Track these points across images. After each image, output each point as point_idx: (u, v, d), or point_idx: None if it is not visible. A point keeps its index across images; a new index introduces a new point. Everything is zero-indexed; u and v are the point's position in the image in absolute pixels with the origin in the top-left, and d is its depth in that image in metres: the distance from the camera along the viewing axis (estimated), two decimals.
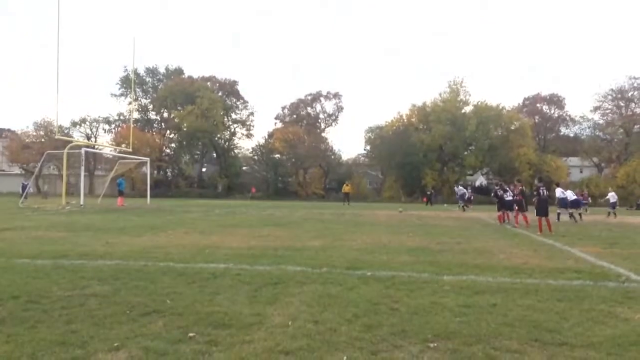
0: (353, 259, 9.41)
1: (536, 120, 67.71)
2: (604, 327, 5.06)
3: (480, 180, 68.15)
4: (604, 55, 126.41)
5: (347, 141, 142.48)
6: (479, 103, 59.59)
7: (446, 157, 60.20)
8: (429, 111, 59.77)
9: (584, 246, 12.32)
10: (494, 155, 57.59)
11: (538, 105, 69.95)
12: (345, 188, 42.62)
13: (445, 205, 43.56)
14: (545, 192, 16.84)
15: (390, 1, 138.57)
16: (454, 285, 6.98)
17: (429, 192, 49.06)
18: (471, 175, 64.99)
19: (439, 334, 4.72)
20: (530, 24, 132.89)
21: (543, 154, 61.11)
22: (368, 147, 65.45)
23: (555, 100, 69.73)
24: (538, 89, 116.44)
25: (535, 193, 17.68)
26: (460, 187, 36.03)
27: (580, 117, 67.65)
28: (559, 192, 23.01)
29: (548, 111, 70.34)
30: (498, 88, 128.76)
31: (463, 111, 59.38)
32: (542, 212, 16.59)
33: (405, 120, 62.47)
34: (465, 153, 60.13)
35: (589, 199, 39.97)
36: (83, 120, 66.29)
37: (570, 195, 23.95)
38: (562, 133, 72.13)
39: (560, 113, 70.39)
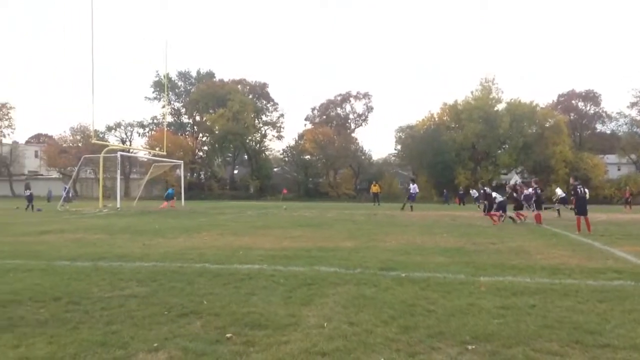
0: (386, 260, 9.35)
1: (571, 117, 66.31)
2: None
3: (515, 179, 66.92)
4: None
5: (378, 141, 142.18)
6: (512, 100, 58.66)
7: (479, 156, 59.41)
8: (461, 109, 59.13)
9: (623, 245, 11.98)
10: (529, 154, 56.59)
11: (573, 101, 68.59)
12: (373, 188, 42.32)
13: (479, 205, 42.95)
14: (583, 190, 16.38)
15: (417, 1, 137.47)
16: (491, 287, 6.87)
17: (461, 192, 48.42)
18: (505, 174, 63.93)
19: (477, 335, 4.65)
20: (564, 19, 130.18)
21: (579, 151, 59.84)
22: (399, 147, 65.11)
23: (591, 97, 68.24)
24: (573, 85, 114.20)
25: (572, 192, 17.22)
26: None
27: (617, 113, 66.03)
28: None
29: (584, 108, 68.89)
30: (531, 85, 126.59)
31: (496, 109, 58.57)
32: (581, 211, 16.14)
33: (436, 119, 61.96)
34: (499, 151, 59.32)
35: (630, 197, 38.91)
36: (118, 125, 67.84)
37: (560, 192, 26.41)
38: (598, 130, 70.54)
39: (596, 109, 68.91)
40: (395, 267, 8.51)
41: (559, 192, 28.51)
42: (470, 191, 36.58)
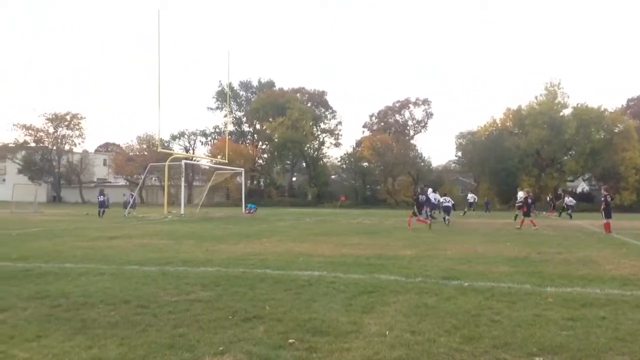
0: (448, 269, 9.22)
1: None
2: None
3: (582, 186, 64.39)
4: None
5: (437, 147, 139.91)
6: (579, 105, 56.42)
7: (544, 163, 57.40)
8: (525, 115, 57.33)
9: None
10: (597, 160, 54.20)
11: None
12: None
13: (543, 213, 41.52)
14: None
15: (481, 3, 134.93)
16: (558, 297, 6.66)
17: (486, 200, 47.04)
18: (572, 181, 61.53)
19: (544, 347, 4.53)
20: (633, 21, 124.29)
21: None
22: (459, 153, 63.79)
23: None
24: None
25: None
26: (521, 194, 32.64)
27: None
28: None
29: None
30: (599, 89, 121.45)
31: (561, 114, 56.48)
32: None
33: (499, 125, 60.39)
34: (565, 158, 57.17)
35: None
36: (182, 134, 69.84)
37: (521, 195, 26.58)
38: None
39: None
40: (457, 276, 8.38)
41: (521, 195, 27.98)
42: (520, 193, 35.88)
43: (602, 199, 19.86)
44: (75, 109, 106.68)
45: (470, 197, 38.16)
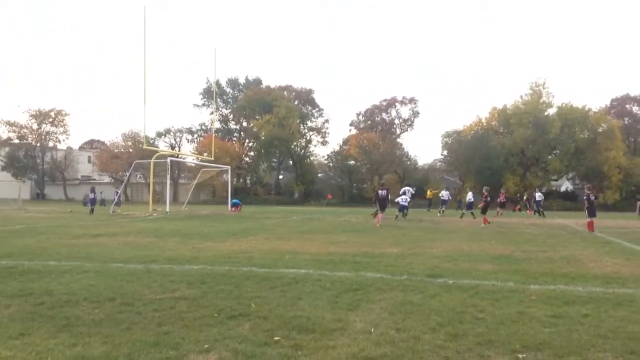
0: (433, 267, 9.28)
1: (625, 122, 63.89)
2: None
3: (565, 185, 65.10)
4: None
5: (424, 146, 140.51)
6: (563, 105, 57.02)
7: (528, 162, 57.95)
8: (510, 114, 57.84)
9: None
10: (581, 159, 54.86)
11: (627, 106, 66.19)
12: (429, 194, 41.42)
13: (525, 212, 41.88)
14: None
15: (463, 5, 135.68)
16: (541, 295, 6.74)
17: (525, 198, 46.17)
18: (556, 180, 62.18)
19: (527, 344, 4.57)
20: (617, 22, 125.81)
21: (634, 157, 57.59)
22: (445, 152, 64.16)
23: None
24: (627, 89, 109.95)
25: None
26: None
27: None
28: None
29: (638, 112, 66.31)
30: (583, 89, 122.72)
31: (546, 113, 57.02)
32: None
33: (484, 124, 60.83)
34: (549, 157, 57.78)
35: None
36: (167, 131, 69.43)
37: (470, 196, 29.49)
38: None
39: None
40: (442, 274, 8.43)
41: (469, 196, 30.05)
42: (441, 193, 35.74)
43: (585, 197, 20.10)
44: (60, 106, 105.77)
45: (445, 194, 37.35)
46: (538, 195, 34.65)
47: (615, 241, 15.10)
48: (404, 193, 27.75)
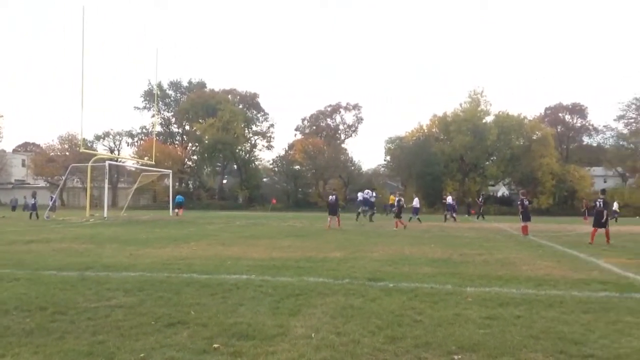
0: (374, 270, 9.39)
1: (558, 130, 67.03)
2: (631, 339, 4.99)
3: (502, 190, 67.48)
4: (628, 64, 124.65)
5: (367, 152, 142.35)
6: (500, 113, 59.24)
7: (467, 168, 59.78)
8: (450, 121, 59.54)
9: (609, 257, 12.11)
10: (516, 165, 57.11)
11: (560, 114, 69.44)
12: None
13: (466, 216, 43.14)
14: (600, 204, 16.92)
15: (410, 12, 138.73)
16: (477, 297, 6.93)
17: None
18: (493, 185, 64.36)
19: (463, 346, 4.69)
20: (552, 33, 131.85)
21: (566, 163, 60.42)
22: (388, 158, 65.30)
23: (578, 110, 69.16)
24: (560, 98, 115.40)
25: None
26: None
27: (604, 126, 67.09)
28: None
29: (570, 121, 69.77)
30: (519, 98, 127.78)
31: (484, 121, 59.06)
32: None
33: (425, 131, 62.33)
34: (487, 163, 59.80)
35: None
36: (107, 134, 67.36)
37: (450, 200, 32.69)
38: (585, 143, 71.41)
39: (583, 122, 69.80)
40: (383, 277, 8.54)
41: (416, 202, 32.03)
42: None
43: (519, 202, 20.89)
44: None
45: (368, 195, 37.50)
46: (449, 199, 34.36)
47: (547, 244, 15.73)
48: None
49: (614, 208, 38.21)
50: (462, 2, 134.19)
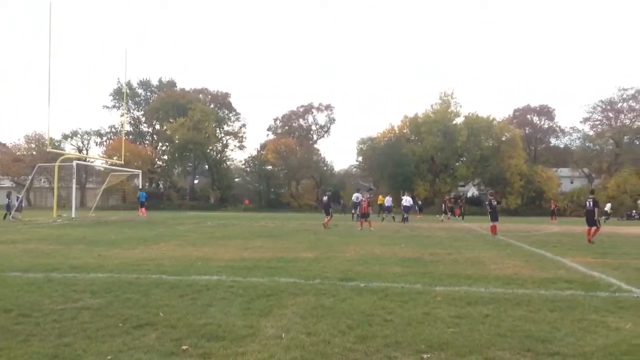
0: (346, 270, 9.42)
1: (526, 132, 68.24)
2: (596, 337, 5.10)
3: (472, 191, 68.41)
4: (594, 67, 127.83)
5: (340, 152, 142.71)
6: (470, 114, 59.97)
7: (437, 168, 60.40)
8: (421, 122, 60.02)
9: (575, 256, 12.39)
10: (486, 166, 57.87)
11: (528, 116, 70.65)
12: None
13: (437, 216, 43.58)
14: (590, 204, 17.32)
15: (382, 14, 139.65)
16: (446, 296, 7.01)
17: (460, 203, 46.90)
18: (463, 186, 65.18)
19: (432, 345, 4.74)
20: (520, 36, 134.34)
21: (534, 164, 61.53)
22: (360, 158, 65.53)
23: (545, 112, 70.48)
24: (528, 100, 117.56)
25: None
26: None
27: (571, 128, 68.90)
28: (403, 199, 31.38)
29: (538, 122, 71.07)
30: (488, 99, 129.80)
31: (454, 122, 59.70)
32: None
33: (396, 132, 62.69)
34: (457, 164, 60.45)
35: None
36: (74, 133, 65.96)
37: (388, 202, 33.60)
38: (552, 144, 72.84)
39: (551, 124, 71.22)
40: (354, 277, 8.58)
41: (387, 202, 33.85)
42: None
43: (487, 203, 21.22)
44: None
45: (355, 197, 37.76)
46: (387, 201, 34.55)
47: (516, 244, 16.01)
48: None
49: (605, 209, 39.18)
50: (436, 3, 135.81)
